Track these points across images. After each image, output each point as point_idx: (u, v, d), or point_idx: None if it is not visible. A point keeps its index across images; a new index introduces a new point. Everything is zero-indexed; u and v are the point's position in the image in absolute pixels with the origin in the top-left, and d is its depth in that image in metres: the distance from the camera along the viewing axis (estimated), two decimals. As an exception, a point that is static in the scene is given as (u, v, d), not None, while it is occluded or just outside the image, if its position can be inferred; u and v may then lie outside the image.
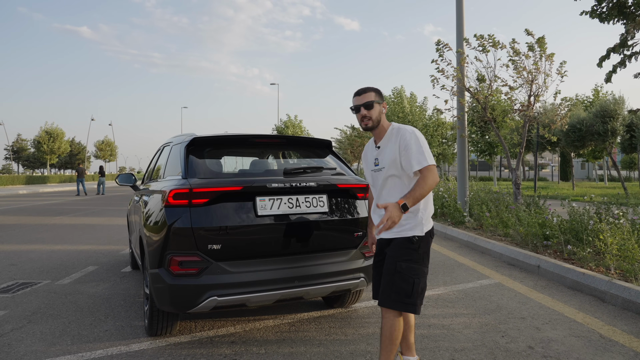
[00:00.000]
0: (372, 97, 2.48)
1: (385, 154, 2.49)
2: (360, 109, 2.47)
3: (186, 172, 3.16)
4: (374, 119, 2.47)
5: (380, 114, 2.49)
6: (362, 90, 2.51)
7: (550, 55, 8.18)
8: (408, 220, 2.43)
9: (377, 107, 2.48)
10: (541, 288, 4.70)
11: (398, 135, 2.44)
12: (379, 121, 2.48)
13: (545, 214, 6.51)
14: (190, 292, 2.92)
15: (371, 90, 2.51)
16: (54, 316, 4.02)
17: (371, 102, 2.47)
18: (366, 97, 2.47)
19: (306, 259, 3.18)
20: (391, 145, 2.46)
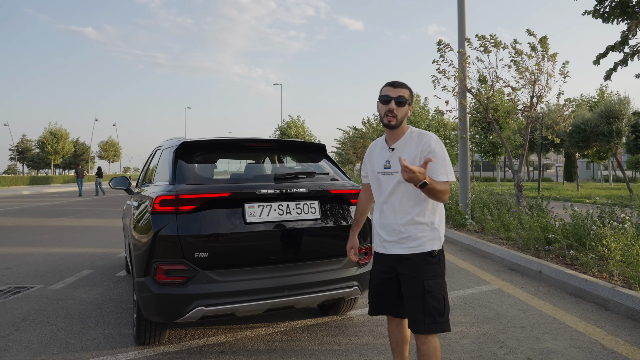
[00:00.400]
0: (406, 94, 2.27)
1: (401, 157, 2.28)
2: (391, 102, 2.24)
3: (174, 177, 3.07)
4: (399, 118, 2.26)
5: (406, 115, 2.29)
6: (399, 84, 2.30)
7: (553, 56, 8.06)
8: (424, 234, 2.25)
9: (406, 107, 2.28)
10: (542, 295, 4.59)
11: (421, 141, 2.25)
12: (401, 122, 2.28)
13: (548, 217, 6.38)
14: (177, 301, 2.83)
15: (406, 87, 2.31)
16: (42, 323, 3.94)
17: (404, 100, 2.25)
18: (400, 92, 2.26)
19: (297, 267, 3.09)
20: (409, 150, 2.25)
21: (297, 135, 40.97)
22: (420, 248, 2.24)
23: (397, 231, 2.28)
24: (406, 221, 2.26)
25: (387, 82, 2.32)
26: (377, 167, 2.39)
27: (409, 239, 2.26)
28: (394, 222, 2.29)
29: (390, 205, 2.31)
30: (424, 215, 2.26)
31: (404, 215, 2.27)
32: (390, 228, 2.31)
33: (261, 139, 3.50)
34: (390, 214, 2.31)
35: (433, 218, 2.29)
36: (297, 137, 40.88)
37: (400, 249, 2.28)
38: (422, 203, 2.26)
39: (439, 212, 2.32)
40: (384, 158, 2.35)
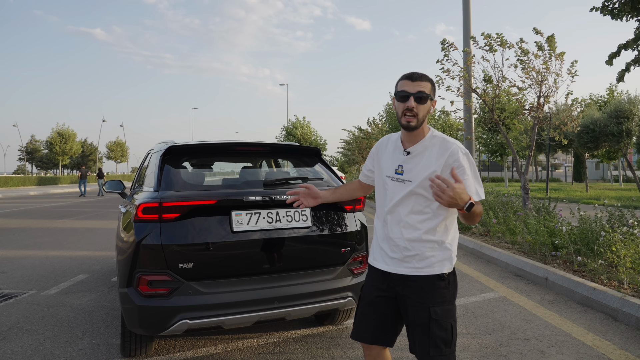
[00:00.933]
0: (427, 88, 1.91)
1: (418, 165, 1.94)
2: (410, 98, 1.88)
3: (159, 183, 2.94)
4: (421, 117, 1.90)
5: (428, 113, 1.94)
6: (418, 76, 1.91)
7: (561, 55, 7.84)
8: (434, 253, 1.94)
9: (428, 103, 1.92)
10: (548, 303, 4.41)
11: (447, 150, 1.91)
12: (422, 122, 1.92)
13: (555, 221, 6.18)
14: (160, 314, 2.70)
15: (428, 79, 1.92)
16: (30, 332, 3.83)
17: (426, 95, 1.89)
18: (421, 86, 1.89)
19: (287, 278, 2.94)
20: (430, 158, 1.92)
21: (303, 135, 40.85)
22: (427, 269, 1.94)
23: (402, 247, 1.97)
24: (413, 237, 1.95)
25: (404, 74, 1.95)
26: (386, 169, 2.06)
27: (415, 258, 1.95)
28: (398, 237, 1.98)
29: (396, 216, 1.99)
30: (434, 233, 1.95)
31: (411, 230, 1.95)
32: (393, 243, 2.00)
33: (252, 142, 3.36)
34: (395, 226, 1.99)
35: (445, 236, 1.97)
36: (303, 137, 40.76)
37: (405, 268, 1.97)
38: (434, 219, 1.94)
39: (452, 230, 2.01)
40: (396, 161, 2.01)
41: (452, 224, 2.02)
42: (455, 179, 1.78)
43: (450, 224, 2.00)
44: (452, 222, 2.02)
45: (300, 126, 41.32)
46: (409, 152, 1.98)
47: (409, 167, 1.97)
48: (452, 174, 1.83)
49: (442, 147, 1.93)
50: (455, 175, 1.80)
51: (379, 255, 2.09)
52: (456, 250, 2.03)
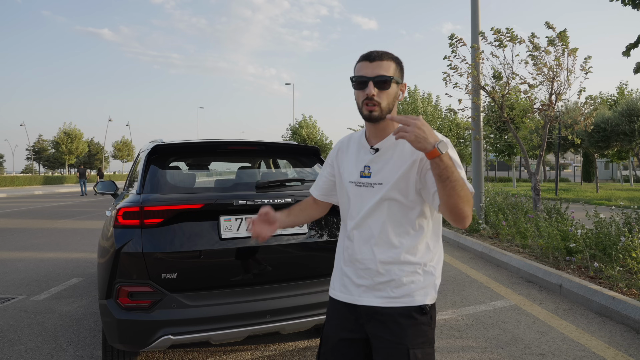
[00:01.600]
0: (391, 69, 1.52)
1: (388, 163, 1.55)
2: (369, 84, 1.50)
3: (142, 186, 2.71)
4: (385, 105, 1.51)
5: (395, 100, 1.55)
6: (378, 55, 1.53)
7: (573, 50, 7.53)
8: (414, 278, 1.54)
9: (394, 87, 1.53)
10: (564, 313, 4.13)
11: None
12: (390, 110, 1.53)
13: (568, 225, 5.89)
14: (141, 328, 2.47)
15: (390, 57, 1.54)
16: (12, 342, 3.62)
17: (388, 79, 1.50)
18: (382, 68, 1.51)
19: (281, 289, 2.70)
20: (404, 151, 1.53)
21: (308, 135, 40.61)
22: (405, 300, 1.53)
23: (373, 271, 1.55)
24: (388, 258, 1.54)
25: (361, 55, 1.56)
26: (348, 174, 1.64)
27: (389, 285, 1.54)
28: (368, 258, 1.56)
29: (366, 231, 1.57)
30: (415, 252, 1.54)
31: (385, 248, 1.54)
32: (361, 266, 1.57)
33: (246, 141, 3.11)
34: (364, 245, 1.57)
35: (429, 256, 1.57)
36: (309, 137, 40.53)
37: (376, 298, 1.55)
38: (415, 233, 1.55)
39: (437, 249, 1.61)
40: (361, 162, 1.61)
41: (437, 240, 1.63)
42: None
43: (435, 241, 1.61)
44: (437, 238, 1.63)
45: (306, 125, 41.09)
46: (376, 149, 1.57)
47: (378, 166, 1.57)
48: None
49: None
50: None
51: (339, 283, 1.66)
52: (440, 276, 1.63)
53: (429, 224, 1.58)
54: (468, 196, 1.37)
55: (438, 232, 1.63)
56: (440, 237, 1.64)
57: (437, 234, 1.62)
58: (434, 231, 1.61)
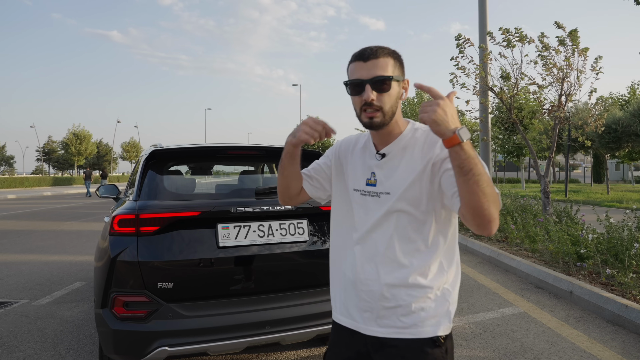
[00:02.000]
0: (389, 67, 1.31)
1: (396, 170, 1.37)
2: (366, 88, 1.29)
3: (139, 192, 2.65)
4: (388, 109, 1.31)
5: (397, 102, 1.34)
6: (372, 52, 1.31)
7: (584, 50, 7.39)
8: (425, 304, 1.33)
9: (395, 87, 1.32)
10: (574, 321, 4.01)
11: (433, 144, 1.34)
12: (393, 114, 1.33)
13: (579, 229, 5.75)
14: (137, 339, 2.40)
15: (388, 54, 1.33)
16: (11, 348, 3.57)
17: (387, 79, 1.29)
18: (379, 67, 1.29)
19: (281, 299, 2.62)
20: (413, 157, 1.35)
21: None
22: (414, 330, 1.33)
23: (378, 295, 1.35)
24: (395, 279, 1.34)
25: (354, 54, 1.35)
26: (354, 179, 1.46)
27: (397, 312, 1.34)
28: (372, 279, 1.37)
29: (370, 247, 1.38)
30: (426, 273, 1.34)
31: (392, 268, 1.35)
32: (364, 287, 1.38)
33: (245, 146, 3.04)
34: (368, 263, 1.38)
35: (442, 278, 1.36)
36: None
37: (381, 327, 1.36)
38: (428, 250, 1.34)
39: (453, 270, 1.40)
40: (367, 168, 1.43)
41: (453, 259, 1.40)
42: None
43: (450, 260, 1.39)
44: (453, 256, 1.40)
45: (312, 126, 40.98)
46: (383, 154, 1.40)
47: (385, 173, 1.38)
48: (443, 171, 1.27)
49: (427, 140, 1.36)
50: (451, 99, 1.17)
51: (341, 305, 1.47)
52: (456, 301, 1.41)
53: (444, 240, 1.37)
54: (494, 194, 1.16)
55: (454, 249, 1.41)
56: (456, 255, 1.42)
57: (452, 251, 1.40)
58: (449, 248, 1.39)
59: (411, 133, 1.40)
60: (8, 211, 16.00)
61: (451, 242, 1.40)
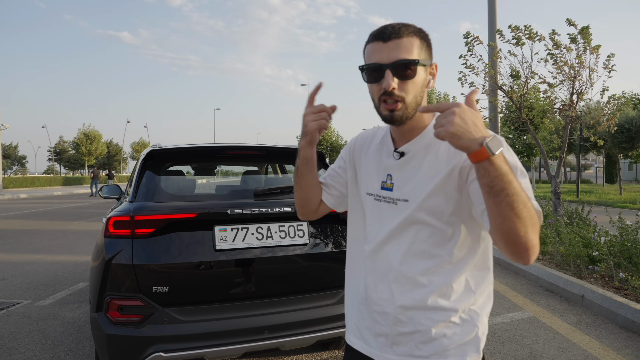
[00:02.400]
0: (413, 48, 1.09)
1: (417, 173, 1.15)
2: (387, 74, 1.07)
3: (135, 193, 2.58)
4: (411, 100, 1.10)
5: (424, 89, 1.13)
6: (394, 31, 1.08)
7: (596, 48, 7.22)
8: (448, 330, 1.13)
9: (421, 73, 1.11)
10: (586, 326, 3.88)
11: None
12: (418, 105, 1.11)
13: (591, 231, 5.61)
14: (131, 345, 2.34)
15: (412, 32, 1.10)
16: (11, 350, 3.54)
17: (412, 63, 1.07)
18: (402, 48, 1.08)
19: (280, 304, 2.54)
20: (438, 159, 1.12)
21: (323, 136, 40.53)
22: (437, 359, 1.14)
23: (392, 318, 1.17)
24: (412, 301, 1.14)
25: (373, 32, 1.13)
26: (367, 182, 1.27)
27: (413, 339, 1.15)
28: (385, 299, 1.18)
29: (383, 262, 1.19)
30: (449, 293, 1.13)
31: (408, 287, 1.15)
32: (378, 307, 1.20)
33: (245, 145, 2.97)
34: (381, 280, 1.20)
35: (469, 299, 1.15)
36: (324, 137, 40.44)
37: (397, 356, 1.17)
38: (450, 267, 1.13)
39: (484, 287, 1.17)
40: (383, 168, 1.22)
41: (484, 276, 1.17)
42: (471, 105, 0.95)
43: (480, 277, 1.16)
44: (483, 271, 1.17)
45: (321, 126, 40.95)
46: (402, 152, 1.18)
47: (403, 176, 1.17)
48: (468, 100, 0.98)
49: None
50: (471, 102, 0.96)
51: (354, 326, 1.30)
52: (487, 326, 1.20)
53: (472, 256, 1.14)
54: (532, 217, 0.94)
55: (485, 266, 1.17)
56: (488, 270, 1.18)
57: (483, 267, 1.17)
58: (480, 264, 1.16)
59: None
60: (18, 210, 16.12)
61: (482, 258, 1.16)
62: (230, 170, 4.65)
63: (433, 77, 1.17)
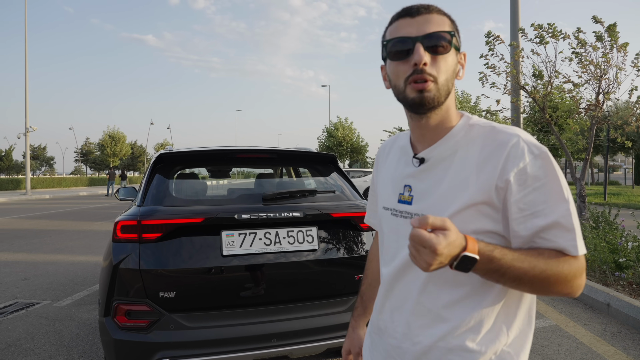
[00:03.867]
0: (445, 25, 0.96)
1: (439, 184, 0.99)
2: (417, 47, 0.92)
3: (143, 197, 2.57)
4: (442, 82, 0.94)
5: (454, 76, 0.98)
6: (424, 7, 0.96)
7: (623, 46, 6.95)
8: None
9: (453, 56, 0.96)
10: (611, 337, 3.71)
11: (501, 150, 0.92)
12: (448, 93, 0.96)
13: (618, 236, 5.39)
14: (137, 350, 2.32)
15: (442, 13, 0.98)
16: (27, 351, 3.58)
17: (447, 35, 0.94)
18: (433, 22, 0.95)
19: (289, 311, 2.48)
20: (466, 168, 0.95)
21: (344, 137, 40.38)
22: None
23: (408, 355, 1.01)
24: (432, 338, 0.98)
25: (397, 12, 0.99)
26: (384, 195, 1.12)
27: None
28: (401, 333, 1.03)
29: (401, 290, 1.04)
30: (477, 330, 0.95)
31: (428, 321, 0.99)
32: (392, 341, 1.05)
33: (256, 149, 2.92)
34: (396, 311, 1.05)
35: (502, 338, 0.97)
36: (344, 138, 40.30)
37: None
38: (480, 298, 0.95)
39: (520, 323, 0.99)
40: (400, 178, 1.07)
41: (518, 311, 0.99)
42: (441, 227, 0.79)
43: (513, 313, 0.98)
44: (519, 307, 0.99)
45: (341, 127, 40.87)
46: (422, 158, 1.01)
47: (423, 188, 1.00)
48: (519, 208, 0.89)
49: (489, 144, 0.94)
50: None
51: (368, 350, 1.17)
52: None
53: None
54: (555, 279, 0.86)
55: (522, 298, 0.99)
56: (524, 306, 1.00)
57: (519, 301, 0.98)
58: (514, 296, 0.97)
59: (464, 130, 0.99)
60: (43, 211, 16.53)
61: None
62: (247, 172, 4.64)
63: (462, 67, 1.02)
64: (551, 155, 0.93)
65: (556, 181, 0.90)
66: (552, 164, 0.92)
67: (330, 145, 40.45)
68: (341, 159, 40.86)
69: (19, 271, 6.47)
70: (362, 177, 21.50)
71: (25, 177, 28.53)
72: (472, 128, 0.99)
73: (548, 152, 0.93)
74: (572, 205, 0.90)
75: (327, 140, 41.19)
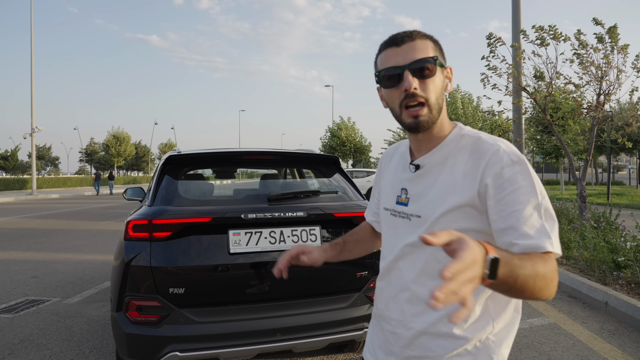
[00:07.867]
0: (429, 49, 1.06)
1: (431, 188, 1.10)
2: (405, 75, 1.04)
3: (153, 198, 2.68)
4: (434, 102, 1.06)
5: (443, 92, 1.09)
6: (407, 35, 1.07)
7: (624, 47, 7.02)
8: (462, 359, 1.08)
9: (439, 74, 1.07)
10: (609, 334, 3.79)
11: (482, 158, 1.03)
12: (440, 109, 1.08)
13: (617, 236, 5.46)
14: (148, 344, 2.43)
15: (424, 36, 1.08)
16: (39, 346, 3.70)
17: (430, 61, 1.05)
18: (417, 49, 1.05)
19: (293, 307, 2.59)
20: (454, 173, 1.07)
21: (347, 137, 40.45)
22: None
23: (402, 340, 1.13)
24: (423, 324, 1.09)
25: (383, 41, 1.11)
26: (385, 196, 1.25)
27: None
28: (397, 319, 1.15)
29: (397, 281, 1.16)
30: (467, 319, 1.06)
31: (420, 309, 1.10)
32: (389, 326, 1.18)
33: (261, 151, 3.03)
34: (393, 299, 1.17)
35: (487, 327, 1.07)
36: (347, 138, 40.35)
37: None
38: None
39: (507, 314, 1.10)
40: (398, 182, 1.19)
41: (507, 302, 1.09)
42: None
43: (502, 304, 1.09)
44: (508, 299, 1.09)
45: (344, 127, 40.94)
46: (417, 165, 1.13)
47: (418, 191, 1.12)
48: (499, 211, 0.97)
49: (474, 152, 1.05)
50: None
51: (370, 342, 1.29)
52: (508, 352, 1.11)
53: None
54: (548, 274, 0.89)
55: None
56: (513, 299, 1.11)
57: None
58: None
59: (456, 140, 1.10)
60: (50, 210, 16.71)
61: None
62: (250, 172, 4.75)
63: (450, 81, 1.13)
64: (528, 163, 1.02)
65: (531, 185, 0.99)
66: (528, 169, 1.01)
67: (333, 145, 40.54)
68: (344, 159, 40.93)
69: (28, 269, 6.60)
70: (365, 177, 21.60)
71: (31, 177, 28.76)
72: (462, 138, 1.11)
73: (525, 160, 1.02)
74: (547, 208, 0.98)
75: (331, 140, 41.29)
